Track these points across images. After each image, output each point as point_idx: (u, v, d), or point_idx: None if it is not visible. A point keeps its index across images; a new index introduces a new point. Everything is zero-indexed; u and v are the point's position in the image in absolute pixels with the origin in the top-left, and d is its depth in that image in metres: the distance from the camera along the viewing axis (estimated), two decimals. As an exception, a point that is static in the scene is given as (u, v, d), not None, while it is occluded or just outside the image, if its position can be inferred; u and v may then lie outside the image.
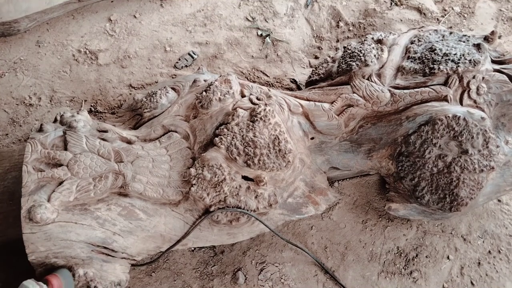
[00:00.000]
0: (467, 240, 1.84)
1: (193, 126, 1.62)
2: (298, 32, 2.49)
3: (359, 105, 1.67)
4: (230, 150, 1.51)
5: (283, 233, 1.81)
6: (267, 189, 1.54)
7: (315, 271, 1.75)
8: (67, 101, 2.13)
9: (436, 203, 1.61)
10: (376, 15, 2.52)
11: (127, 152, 1.51)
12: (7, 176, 1.58)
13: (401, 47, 1.75)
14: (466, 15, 2.58)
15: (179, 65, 2.29)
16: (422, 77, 1.63)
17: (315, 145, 1.73)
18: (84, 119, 1.58)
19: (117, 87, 2.19)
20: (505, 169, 1.64)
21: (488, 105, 1.60)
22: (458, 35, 1.73)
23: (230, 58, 2.35)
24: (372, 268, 1.77)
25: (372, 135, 1.70)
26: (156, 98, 1.68)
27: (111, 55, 2.29)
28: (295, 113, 1.68)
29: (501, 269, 1.78)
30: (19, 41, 2.28)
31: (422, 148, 1.59)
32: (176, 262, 1.73)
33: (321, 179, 1.75)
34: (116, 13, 2.43)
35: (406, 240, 1.83)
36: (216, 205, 1.49)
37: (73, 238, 1.36)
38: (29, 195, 1.35)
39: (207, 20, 2.47)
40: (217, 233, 1.57)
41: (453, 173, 1.56)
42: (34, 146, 1.45)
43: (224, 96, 1.59)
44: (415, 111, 1.61)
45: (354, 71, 1.69)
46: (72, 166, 1.42)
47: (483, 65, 1.59)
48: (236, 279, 1.70)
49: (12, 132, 2.01)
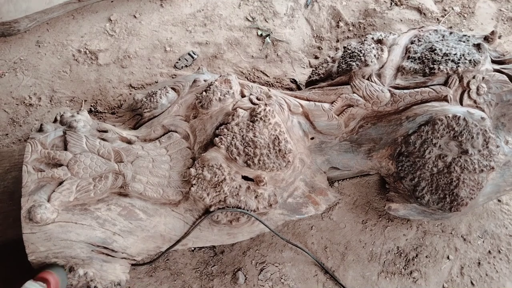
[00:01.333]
0: (467, 240, 1.84)
1: (193, 126, 1.62)
2: (298, 32, 2.49)
3: (359, 105, 1.67)
4: (230, 150, 1.51)
5: (283, 233, 1.81)
6: (267, 189, 1.54)
7: (315, 271, 1.75)
8: (67, 101, 2.13)
9: (436, 203, 1.61)
10: (376, 15, 2.52)
11: (127, 152, 1.51)
12: (7, 176, 1.58)
13: (401, 47, 1.75)
14: (466, 15, 2.58)
15: (179, 65, 2.29)
16: (422, 77, 1.63)
17: (315, 145, 1.73)
18: (84, 119, 1.58)
19: (117, 87, 2.19)
20: (505, 169, 1.64)
21: (488, 105, 1.60)
22: (458, 35, 1.73)
23: (230, 58, 2.35)
24: (372, 268, 1.77)
25: (372, 135, 1.70)
26: (156, 98, 1.68)
27: (111, 55, 2.29)
28: (295, 113, 1.68)
29: (501, 269, 1.78)
30: (19, 41, 2.28)
31: (422, 148, 1.59)
32: (176, 262, 1.73)
33: (321, 179, 1.75)
34: (116, 13, 2.43)
35: (406, 240, 1.83)
36: (216, 205, 1.49)
37: (73, 238, 1.36)
38: (29, 195, 1.35)
39: (207, 20, 2.47)
40: (217, 233, 1.57)
41: (453, 173, 1.56)
42: (34, 146, 1.45)
43: (224, 96, 1.59)
44: (415, 111, 1.61)
45: (354, 71, 1.69)
46: (72, 166, 1.42)
47: (483, 65, 1.59)
48: (236, 279, 1.70)
49: (12, 132, 2.01)
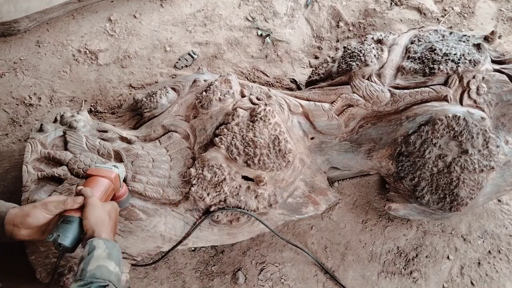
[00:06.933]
0: (467, 240, 1.84)
1: (193, 126, 1.62)
2: (298, 32, 2.49)
3: (359, 105, 1.67)
4: (230, 150, 1.51)
5: (283, 233, 1.81)
6: (267, 189, 1.54)
7: (315, 271, 1.75)
8: (67, 101, 2.13)
9: (436, 203, 1.61)
10: (376, 15, 2.52)
11: (127, 152, 1.51)
12: (7, 176, 1.58)
13: (401, 47, 1.75)
14: (466, 15, 2.58)
15: (179, 65, 2.29)
16: (422, 77, 1.63)
17: (315, 145, 1.73)
18: (84, 119, 1.58)
19: (117, 87, 2.19)
20: (505, 169, 1.64)
21: (488, 105, 1.60)
22: (458, 35, 1.73)
23: (230, 58, 2.35)
24: (372, 268, 1.77)
25: (372, 135, 1.70)
26: (156, 98, 1.68)
27: (111, 55, 2.29)
28: (295, 113, 1.68)
29: (501, 269, 1.78)
30: (19, 41, 2.28)
31: (422, 148, 1.59)
32: (176, 262, 1.73)
33: (321, 179, 1.75)
34: (116, 13, 2.43)
35: (406, 240, 1.83)
36: (216, 205, 1.49)
37: (73, 238, 1.36)
38: (29, 195, 1.35)
39: (207, 20, 2.47)
40: (217, 233, 1.57)
41: (453, 173, 1.56)
42: (34, 146, 1.45)
43: (224, 96, 1.59)
44: (415, 111, 1.61)
45: (354, 71, 1.69)
46: (72, 166, 1.42)
47: (483, 65, 1.59)
48: (236, 279, 1.70)
49: (12, 132, 2.01)
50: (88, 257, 0.99)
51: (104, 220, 1.09)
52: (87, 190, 1.12)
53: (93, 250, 1.00)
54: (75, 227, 1.06)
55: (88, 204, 1.09)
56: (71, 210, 1.09)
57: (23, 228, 1.05)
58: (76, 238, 1.06)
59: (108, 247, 1.02)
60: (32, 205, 1.07)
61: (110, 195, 1.22)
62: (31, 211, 1.05)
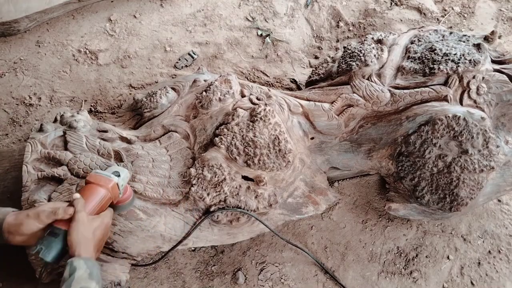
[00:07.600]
0: (467, 240, 1.84)
1: (193, 126, 1.62)
2: (298, 32, 2.49)
3: (359, 105, 1.67)
4: (230, 150, 1.51)
5: (283, 233, 1.81)
6: (267, 189, 1.54)
7: (315, 271, 1.75)
8: (67, 101, 2.13)
9: (436, 203, 1.61)
10: (376, 15, 2.52)
11: (127, 152, 1.51)
12: (7, 176, 1.58)
13: (401, 47, 1.75)
14: (466, 15, 2.58)
15: (179, 65, 2.29)
16: (422, 77, 1.63)
17: (315, 145, 1.73)
18: (84, 119, 1.58)
19: (117, 87, 2.19)
20: (505, 169, 1.64)
21: (488, 105, 1.60)
22: (458, 35, 1.73)
23: (230, 58, 2.35)
24: (372, 268, 1.77)
25: (372, 135, 1.70)
26: (156, 98, 1.68)
27: (111, 55, 2.29)
28: (295, 113, 1.68)
29: (501, 269, 1.78)
30: (19, 41, 2.28)
31: (422, 148, 1.59)
32: (176, 262, 1.73)
33: (321, 179, 1.75)
34: (116, 13, 2.43)
35: (406, 240, 1.83)
36: (216, 205, 1.49)
37: (73, 238, 1.36)
38: (29, 195, 1.35)
39: (207, 20, 2.47)
40: (217, 233, 1.57)
41: (453, 173, 1.56)
42: (34, 146, 1.45)
43: (224, 96, 1.59)
44: (415, 111, 1.61)
45: (354, 71, 1.69)
46: (72, 166, 1.42)
47: (483, 65, 1.59)
48: (236, 279, 1.70)
49: (12, 132, 2.01)
50: (69, 279, 1.01)
51: (87, 239, 1.11)
52: (79, 202, 1.13)
53: (74, 272, 1.02)
54: (60, 240, 1.08)
55: (74, 220, 1.10)
56: (61, 221, 1.10)
57: (17, 235, 1.08)
58: (59, 252, 1.08)
59: (88, 266, 1.05)
60: (25, 214, 1.10)
61: (106, 204, 1.22)
62: (24, 220, 1.08)
